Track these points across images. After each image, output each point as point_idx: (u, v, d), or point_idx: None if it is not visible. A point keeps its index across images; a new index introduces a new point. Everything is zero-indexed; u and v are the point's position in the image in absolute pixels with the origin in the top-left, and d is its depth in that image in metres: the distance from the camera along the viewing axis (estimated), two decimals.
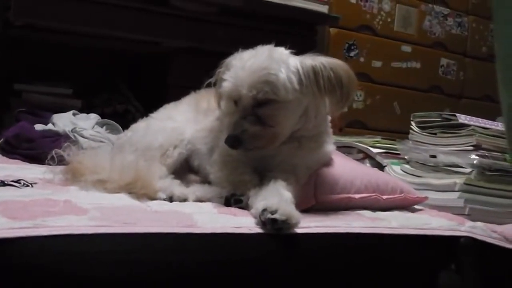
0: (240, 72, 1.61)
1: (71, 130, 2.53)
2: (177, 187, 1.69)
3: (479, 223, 1.78)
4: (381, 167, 2.43)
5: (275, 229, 1.37)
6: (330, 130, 1.83)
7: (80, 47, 3.42)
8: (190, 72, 2.90)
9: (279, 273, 1.37)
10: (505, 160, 2.15)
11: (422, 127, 2.39)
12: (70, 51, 3.44)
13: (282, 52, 1.67)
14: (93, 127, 2.66)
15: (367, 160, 2.56)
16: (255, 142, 1.60)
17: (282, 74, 1.59)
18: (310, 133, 1.72)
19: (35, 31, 3.03)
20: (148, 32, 3.10)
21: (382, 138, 2.75)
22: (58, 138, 2.41)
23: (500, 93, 1.04)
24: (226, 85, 1.63)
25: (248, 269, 1.33)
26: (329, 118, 1.81)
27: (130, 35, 3.12)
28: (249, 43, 1.71)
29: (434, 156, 2.25)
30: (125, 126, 2.19)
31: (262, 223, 1.39)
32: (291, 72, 1.61)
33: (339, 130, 3.42)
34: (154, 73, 3.57)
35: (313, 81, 1.61)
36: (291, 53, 1.69)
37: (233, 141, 1.58)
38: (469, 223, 1.75)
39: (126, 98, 3.43)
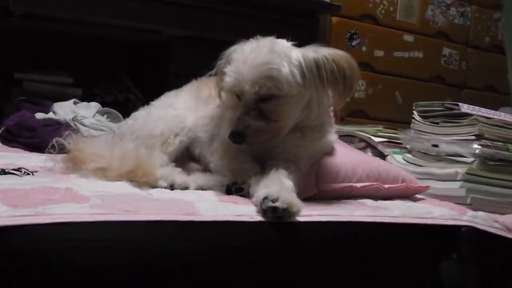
0: (241, 66, 1.60)
1: (72, 119, 2.53)
2: (178, 175, 1.69)
3: (480, 213, 1.78)
4: (383, 156, 2.43)
5: (276, 217, 1.37)
6: (332, 120, 1.83)
7: (80, 35, 3.42)
8: (191, 60, 2.91)
9: (280, 261, 1.37)
10: (507, 150, 2.14)
11: (424, 116, 2.39)
12: (71, 40, 3.44)
13: (284, 44, 1.66)
14: (94, 115, 2.65)
15: (368, 149, 2.56)
16: (259, 137, 1.60)
17: (285, 69, 1.58)
18: (313, 123, 1.72)
19: (35, 20, 3.02)
20: (148, 20, 3.09)
21: (384, 127, 2.74)
22: (59, 127, 2.40)
23: (509, 81, 1.04)
24: (228, 80, 1.62)
25: (249, 257, 1.32)
26: (332, 107, 1.80)
27: (131, 23, 3.11)
28: (251, 32, 1.70)
29: (436, 146, 2.24)
30: (126, 114, 2.19)
31: (263, 211, 1.39)
32: (294, 66, 1.60)
33: (341, 119, 3.42)
34: (155, 61, 3.56)
35: (316, 74, 1.60)
36: (293, 45, 1.68)
37: (237, 137, 1.58)
38: (471, 213, 1.75)
39: (127, 87, 3.42)
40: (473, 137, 2.17)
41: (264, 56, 1.58)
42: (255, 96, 1.59)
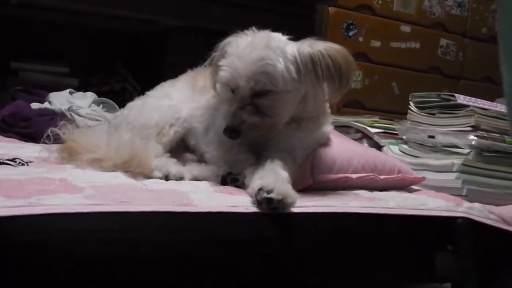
0: (236, 61, 1.59)
1: (68, 109, 2.53)
2: (173, 166, 1.69)
3: (476, 204, 1.78)
4: (379, 147, 2.43)
5: (271, 209, 1.37)
6: (329, 111, 1.82)
7: (77, 25, 3.41)
8: (188, 50, 2.89)
9: (275, 252, 1.37)
10: (503, 141, 2.15)
11: (421, 107, 2.39)
12: (67, 30, 3.43)
13: (280, 39, 1.65)
14: (90, 105, 2.65)
15: (365, 140, 2.55)
16: (254, 132, 1.60)
17: (280, 65, 1.57)
18: (309, 115, 1.72)
19: (31, 9, 3.00)
20: (145, 9, 3.08)
21: (380, 118, 2.74)
22: (55, 117, 2.39)
23: (502, 71, 1.03)
24: (223, 74, 1.62)
25: (244, 248, 1.32)
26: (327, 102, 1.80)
27: (127, 13, 3.10)
28: (248, 22, 1.69)
29: (432, 137, 2.24)
30: (122, 104, 2.18)
31: (258, 202, 1.39)
32: (289, 62, 1.59)
33: (337, 110, 3.42)
34: (152, 51, 3.56)
35: (311, 70, 1.60)
36: (289, 38, 1.67)
37: (232, 132, 1.57)
38: (467, 204, 1.75)
39: (123, 77, 3.42)
40: (469, 128, 2.17)
41: (259, 51, 1.58)
42: (250, 92, 1.58)
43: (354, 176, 1.76)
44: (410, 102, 2.45)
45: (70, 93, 2.74)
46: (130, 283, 1.21)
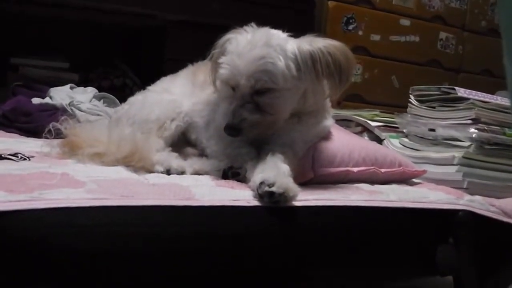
0: (236, 60, 1.59)
1: (68, 104, 2.53)
2: (174, 160, 1.69)
3: (477, 197, 1.78)
4: (379, 141, 2.43)
5: (273, 202, 1.37)
6: (329, 105, 1.83)
7: (76, 20, 3.41)
8: (187, 45, 2.90)
9: (277, 245, 1.37)
10: (504, 134, 2.15)
11: (421, 100, 2.38)
12: (67, 25, 3.43)
13: (280, 36, 1.65)
14: (91, 100, 2.65)
15: (365, 134, 2.56)
16: (254, 130, 1.60)
17: (281, 63, 1.57)
18: (309, 109, 1.72)
19: (30, 4, 3.00)
20: (143, 4, 3.08)
21: (381, 112, 2.74)
22: (55, 112, 2.40)
23: (504, 64, 1.03)
24: (223, 72, 1.62)
25: (246, 242, 1.33)
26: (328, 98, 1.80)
27: (126, 8, 3.10)
28: (247, 17, 1.69)
29: (432, 130, 2.24)
30: (123, 99, 2.18)
31: (260, 196, 1.39)
32: (289, 59, 1.59)
33: (337, 104, 3.42)
34: (152, 46, 3.55)
35: (311, 68, 1.60)
36: (288, 35, 1.67)
37: (232, 130, 1.58)
38: (468, 197, 1.75)
39: (123, 72, 3.42)
40: (469, 121, 2.17)
41: (259, 49, 1.57)
42: (251, 90, 1.59)
43: (355, 169, 1.76)
44: (410, 96, 2.45)
45: (71, 88, 2.75)
46: (132, 277, 1.21)
